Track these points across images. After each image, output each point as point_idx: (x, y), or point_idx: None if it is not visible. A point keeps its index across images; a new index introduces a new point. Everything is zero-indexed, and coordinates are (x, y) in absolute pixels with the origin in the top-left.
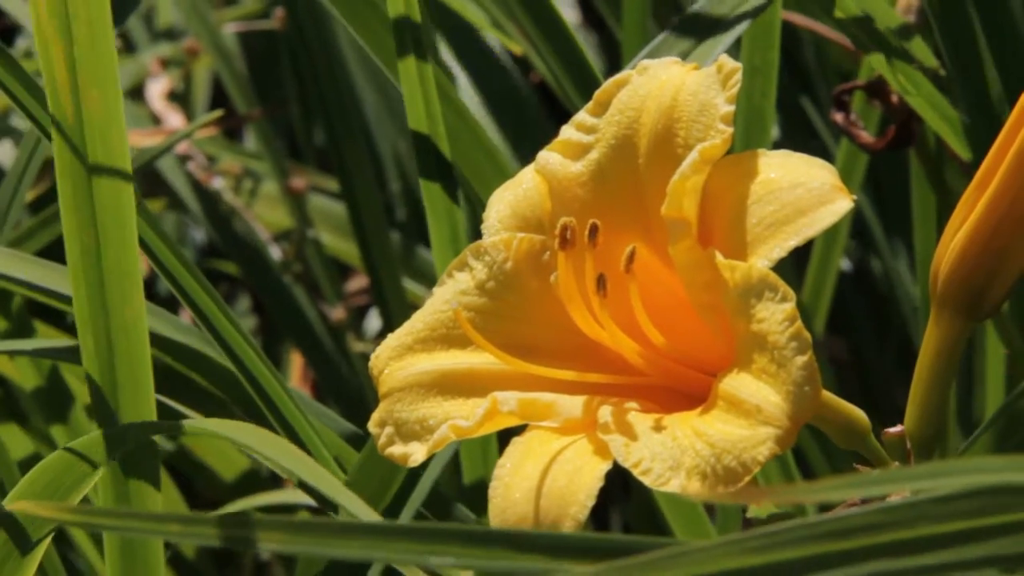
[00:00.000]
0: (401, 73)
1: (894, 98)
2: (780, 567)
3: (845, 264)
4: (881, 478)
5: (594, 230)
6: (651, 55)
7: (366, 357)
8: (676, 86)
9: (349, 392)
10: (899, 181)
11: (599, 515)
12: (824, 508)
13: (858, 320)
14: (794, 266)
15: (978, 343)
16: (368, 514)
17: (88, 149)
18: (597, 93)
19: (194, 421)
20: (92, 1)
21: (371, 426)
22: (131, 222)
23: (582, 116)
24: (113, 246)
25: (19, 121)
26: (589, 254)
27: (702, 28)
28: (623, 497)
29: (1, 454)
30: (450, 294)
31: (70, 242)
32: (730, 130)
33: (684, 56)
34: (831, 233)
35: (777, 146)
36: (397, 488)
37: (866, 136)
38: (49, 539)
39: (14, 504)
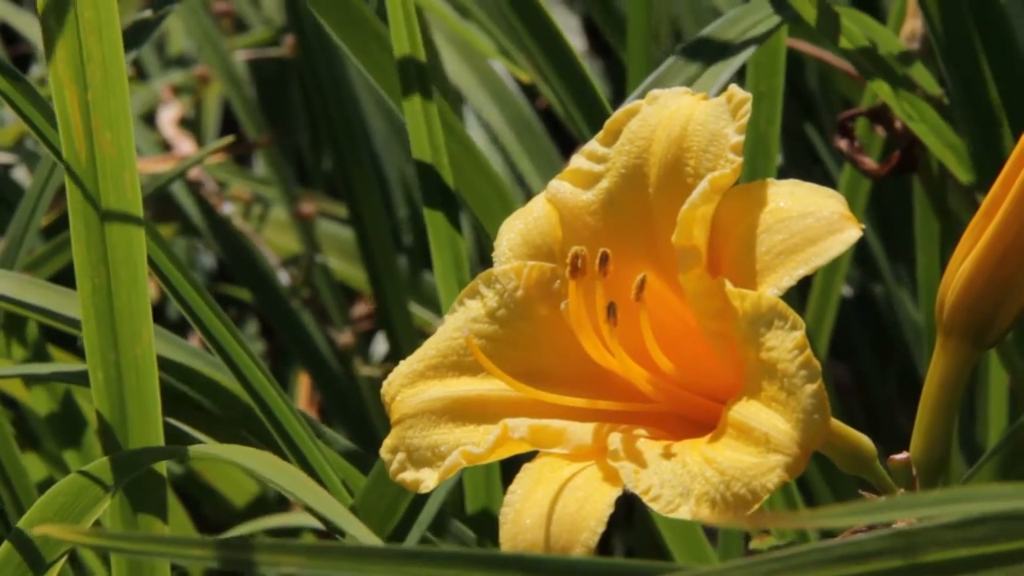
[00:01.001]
0: (406, 110)
1: (897, 124)
2: None
3: (847, 290)
4: (888, 505)
5: (605, 259)
6: (657, 82)
7: (373, 381)
8: (686, 116)
9: (355, 415)
10: (902, 207)
11: (602, 539)
12: (826, 537)
13: (860, 345)
14: (796, 291)
15: (981, 368)
16: (372, 540)
17: (101, 191)
18: (608, 122)
19: (203, 447)
20: (107, 43)
21: (383, 452)
22: (142, 263)
23: (593, 145)
24: (124, 286)
25: (34, 144)
26: (599, 282)
27: (707, 55)
28: (626, 522)
29: (6, 478)
30: (461, 321)
31: (82, 281)
32: (740, 160)
33: (690, 82)
34: (834, 259)
35: (781, 172)
36: (404, 511)
37: (869, 162)
38: (63, 561)
39: (34, 528)
